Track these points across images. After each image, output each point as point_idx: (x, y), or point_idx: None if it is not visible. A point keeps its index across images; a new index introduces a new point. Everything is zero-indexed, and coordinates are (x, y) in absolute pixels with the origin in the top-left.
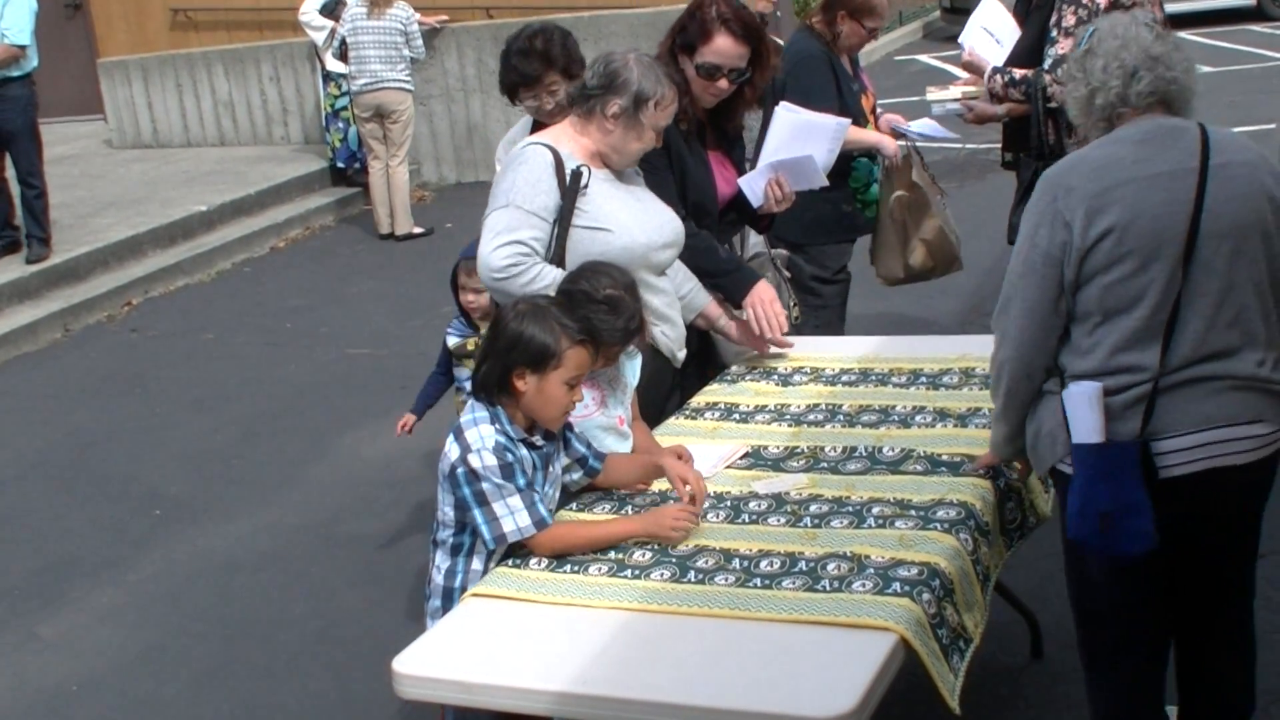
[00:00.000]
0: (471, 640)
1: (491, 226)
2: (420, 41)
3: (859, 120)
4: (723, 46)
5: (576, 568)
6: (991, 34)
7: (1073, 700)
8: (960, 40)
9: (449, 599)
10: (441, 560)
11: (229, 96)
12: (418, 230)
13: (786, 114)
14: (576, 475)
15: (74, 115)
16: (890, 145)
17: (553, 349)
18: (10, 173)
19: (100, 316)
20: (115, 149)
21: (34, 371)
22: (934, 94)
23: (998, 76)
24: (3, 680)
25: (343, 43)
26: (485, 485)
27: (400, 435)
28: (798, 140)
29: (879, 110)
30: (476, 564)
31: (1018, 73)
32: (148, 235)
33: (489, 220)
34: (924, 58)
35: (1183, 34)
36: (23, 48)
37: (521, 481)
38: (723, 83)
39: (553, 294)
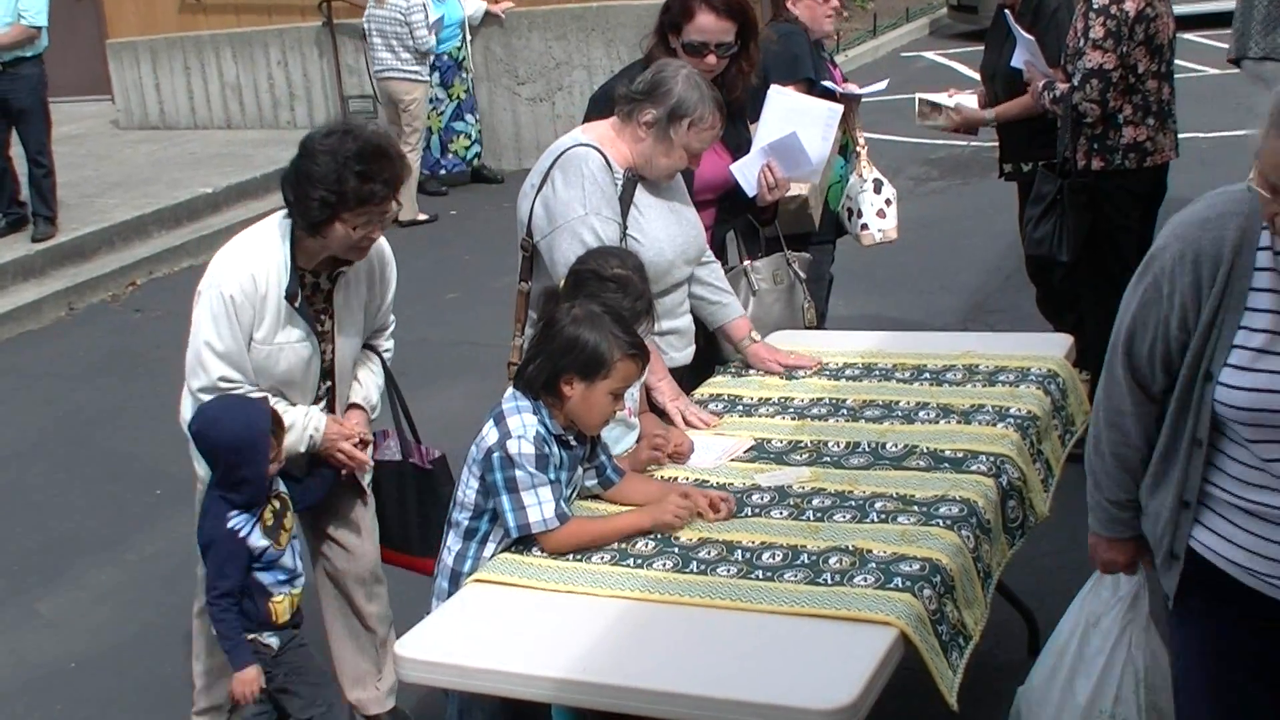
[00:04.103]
0: (473, 625)
1: (581, 239)
2: (424, 32)
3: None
4: (705, 24)
5: (579, 556)
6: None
7: None
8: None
9: (455, 582)
10: (453, 542)
11: (237, 80)
12: (422, 217)
13: (778, 96)
14: (591, 482)
15: (82, 95)
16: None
17: (605, 359)
18: (14, 150)
19: (104, 296)
20: (122, 130)
21: (37, 350)
22: (923, 109)
23: (1046, 94)
24: (3, 656)
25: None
26: (519, 473)
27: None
28: (789, 124)
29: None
30: (487, 552)
31: (1060, 87)
32: (153, 216)
33: (568, 231)
34: (930, 54)
35: (1191, 36)
36: (39, 29)
37: (553, 475)
38: (711, 59)
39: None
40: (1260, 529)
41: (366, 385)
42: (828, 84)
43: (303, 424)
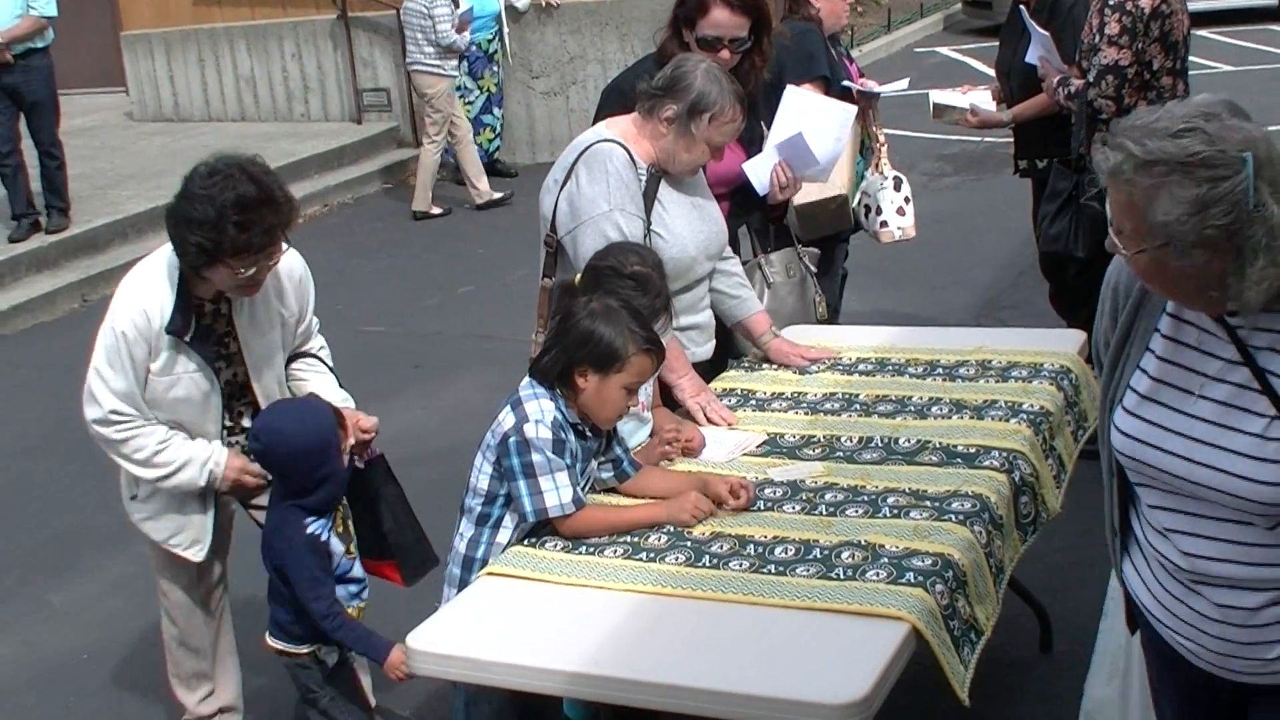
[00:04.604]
0: (486, 619)
1: (605, 234)
2: (446, 26)
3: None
4: (719, 19)
5: (592, 550)
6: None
7: (1079, 693)
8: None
9: (468, 568)
10: (466, 528)
11: (250, 72)
12: (435, 211)
13: (794, 96)
14: (607, 474)
15: (95, 87)
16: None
17: (619, 353)
18: (24, 144)
19: (117, 288)
20: (136, 122)
21: (51, 341)
22: (939, 97)
23: (1061, 89)
24: (14, 648)
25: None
26: (536, 457)
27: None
28: (801, 124)
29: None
30: (501, 537)
31: (1075, 83)
32: (166, 208)
33: (592, 226)
34: (944, 50)
35: (1203, 33)
36: (50, 19)
37: (569, 460)
38: (724, 53)
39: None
40: (1162, 577)
41: (324, 389)
42: (847, 83)
43: (202, 458)
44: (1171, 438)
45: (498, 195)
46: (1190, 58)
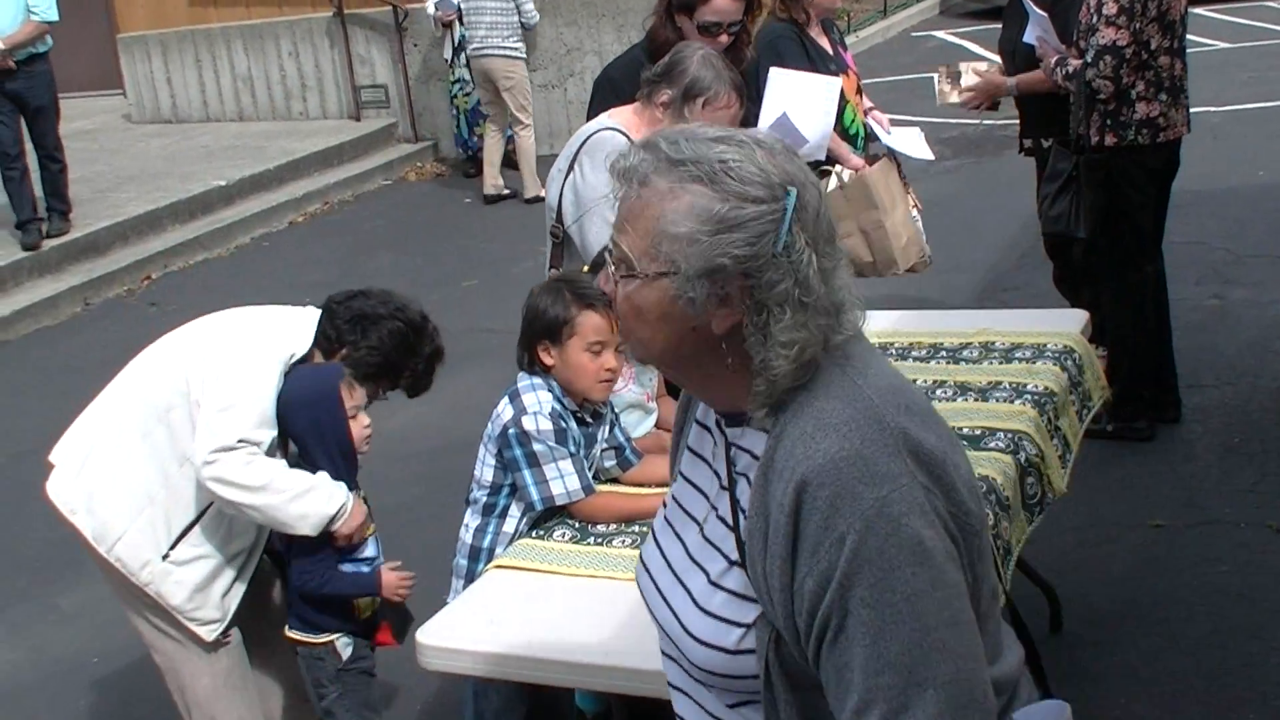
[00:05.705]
0: (495, 611)
1: (609, 221)
2: (531, 6)
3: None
4: (721, 6)
5: (600, 540)
6: (799, 109)
7: (1091, 673)
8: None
9: (475, 558)
10: (471, 519)
11: (248, 72)
12: (541, 193)
13: (779, 77)
14: (610, 463)
15: (93, 90)
16: (856, 163)
17: (563, 317)
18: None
19: (119, 290)
20: (134, 124)
21: (54, 345)
22: (943, 87)
23: (1059, 70)
24: (23, 651)
25: (457, 9)
26: (538, 447)
27: None
28: (787, 103)
29: (865, 99)
30: (508, 526)
31: (1073, 63)
32: (167, 210)
33: (597, 214)
34: (941, 33)
35: (1200, 10)
36: (51, 24)
37: (572, 448)
38: (723, 37)
39: None
40: None
41: None
42: (889, 146)
43: (329, 487)
44: (662, 569)
45: (506, 191)
46: (1187, 35)
